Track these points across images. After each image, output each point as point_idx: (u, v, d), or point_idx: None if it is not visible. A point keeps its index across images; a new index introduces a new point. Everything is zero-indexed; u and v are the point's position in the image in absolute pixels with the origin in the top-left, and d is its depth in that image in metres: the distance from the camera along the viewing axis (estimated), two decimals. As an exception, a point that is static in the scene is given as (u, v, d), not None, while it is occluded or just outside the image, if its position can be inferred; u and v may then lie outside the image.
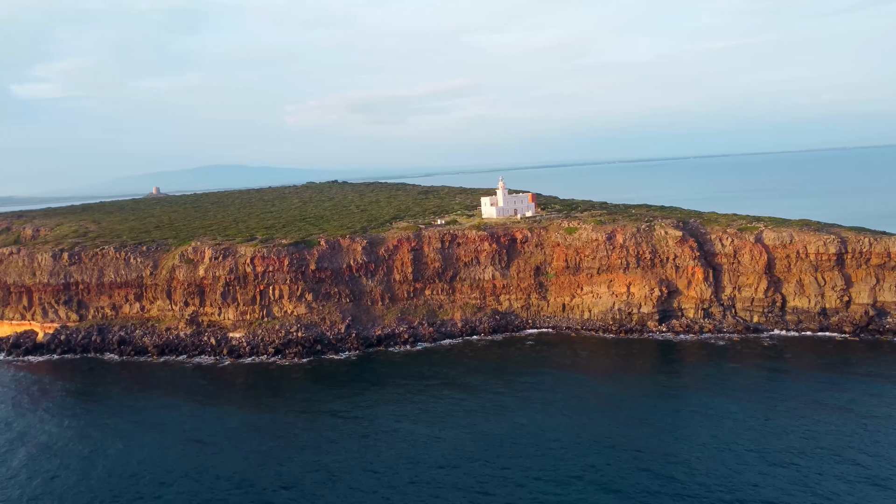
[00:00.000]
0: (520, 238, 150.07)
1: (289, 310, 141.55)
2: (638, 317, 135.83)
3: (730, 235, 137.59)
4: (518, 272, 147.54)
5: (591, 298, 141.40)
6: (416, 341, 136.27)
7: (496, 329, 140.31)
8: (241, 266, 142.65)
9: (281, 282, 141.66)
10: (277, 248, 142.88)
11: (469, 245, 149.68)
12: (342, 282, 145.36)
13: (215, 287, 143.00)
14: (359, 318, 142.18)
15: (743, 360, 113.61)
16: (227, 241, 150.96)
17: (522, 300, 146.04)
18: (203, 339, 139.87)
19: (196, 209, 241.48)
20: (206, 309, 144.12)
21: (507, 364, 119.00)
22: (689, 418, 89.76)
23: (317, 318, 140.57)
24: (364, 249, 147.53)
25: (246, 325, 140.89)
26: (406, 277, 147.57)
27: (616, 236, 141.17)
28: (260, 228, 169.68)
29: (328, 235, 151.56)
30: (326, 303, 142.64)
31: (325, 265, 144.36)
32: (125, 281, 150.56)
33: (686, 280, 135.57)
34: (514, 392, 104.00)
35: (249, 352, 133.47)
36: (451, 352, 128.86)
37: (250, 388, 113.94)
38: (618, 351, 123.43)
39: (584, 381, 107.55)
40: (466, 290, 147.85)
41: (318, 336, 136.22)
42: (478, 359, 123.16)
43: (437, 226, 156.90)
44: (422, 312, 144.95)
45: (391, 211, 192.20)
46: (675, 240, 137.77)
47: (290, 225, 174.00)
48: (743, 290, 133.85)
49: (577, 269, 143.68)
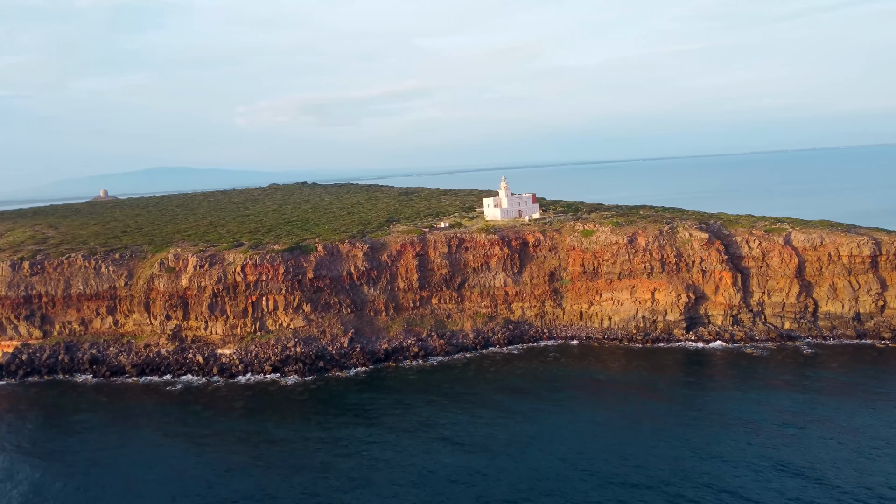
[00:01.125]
0: (532, 242, 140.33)
1: (284, 322, 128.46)
2: (663, 325, 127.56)
3: (756, 237, 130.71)
4: (531, 278, 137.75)
5: (611, 306, 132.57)
6: (427, 355, 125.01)
7: (511, 340, 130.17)
8: (230, 275, 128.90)
9: (275, 292, 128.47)
10: (271, 255, 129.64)
11: (478, 249, 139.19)
12: (342, 291, 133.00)
13: (201, 298, 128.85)
14: (362, 331, 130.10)
15: (786, 371, 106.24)
16: (211, 248, 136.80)
17: (536, 308, 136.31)
18: (188, 356, 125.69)
19: (162, 212, 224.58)
20: (191, 322, 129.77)
21: (535, 380, 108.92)
22: (747, 443, 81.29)
23: (316, 331, 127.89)
24: (365, 255, 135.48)
25: (236, 339, 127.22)
26: (411, 285, 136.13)
27: (638, 239, 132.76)
28: (243, 233, 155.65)
29: (324, 240, 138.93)
30: (326, 314, 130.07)
31: (323, 273, 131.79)
32: (96, 292, 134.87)
33: (713, 285, 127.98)
34: (554, 411, 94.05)
35: (243, 370, 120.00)
36: (468, 367, 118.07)
37: (252, 415, 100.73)
38: (651, 362, 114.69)
39: (624, 398, 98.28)
40: (476, 297, 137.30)
41: (319, 351, 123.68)
42: (502, 374, 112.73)
43: (441, 229, 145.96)
44: (429, 323, 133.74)
45: (381, 213, 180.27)
46: (700, 242, 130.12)
47: (276, 229, 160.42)
48: (773, 295, 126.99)
49: (594, 275, 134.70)
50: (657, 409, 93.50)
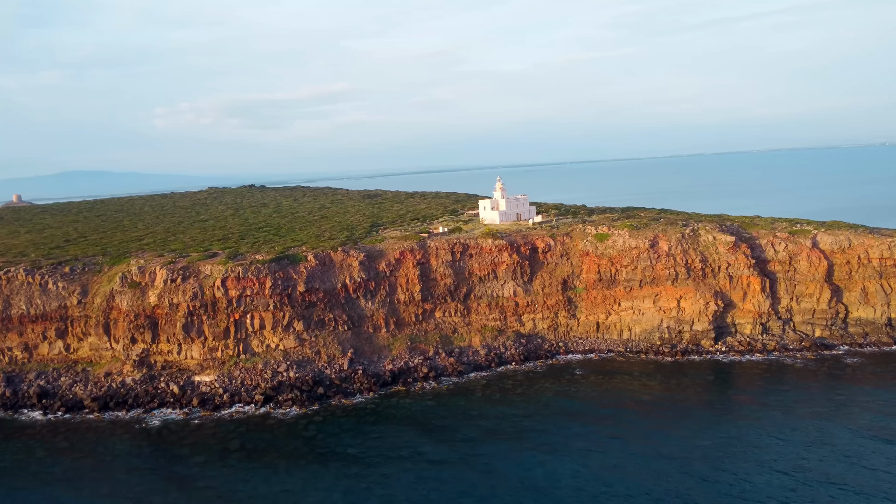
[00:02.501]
0: (541, 247, 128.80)
1: (273, 343, 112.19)
2: (690, 335, 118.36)
3: (782, 240, 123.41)
4: (543, 287, 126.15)
5: (631, 315, 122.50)
6: (438, 376, 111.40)
7: (527, 356, 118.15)
8: (207, 290, 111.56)
9: (262, 308, 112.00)
10: (256, 267, 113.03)
11: (484, 256, 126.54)
12: (337, 305, 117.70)
13: (173, 317, 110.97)
14: (361, 350, 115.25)
15: (841, 385, 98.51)
16: (181, 259, 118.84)
17: (549, 320, 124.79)
18: (159, 385, 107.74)
19: (101, 218, 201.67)
20: (161, 346, 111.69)
21: (569, 401, 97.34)
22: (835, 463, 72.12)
23: (310, 352, 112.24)
24: (362, 265, 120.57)
25: (217, 364, 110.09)
26: (413, 297, 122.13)
27: (660, 243, 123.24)
28: (211, 241, 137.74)
29: (312, 248, 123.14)
30: (320, 332, 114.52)
31: (315, 285, 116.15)
32: (42, 313, 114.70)
33: (741, 292, 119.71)
34: (610, 444, 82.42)
35: (229, 401, 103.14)
36: (488, 388, 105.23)
37: (254, 459, 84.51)
38: (691, 379, 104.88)
39: (684, 423, 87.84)
40: (484, 309, 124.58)
41: (316, 376, 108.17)
42: (531, 398, 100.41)
43: (440, 234, 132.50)
44: (434, 339, 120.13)
45: (360, 218, 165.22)
46: (726, 246, 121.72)
47: (247, 236, 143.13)
48: (802, 301, 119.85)
49: (612, 282, 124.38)
50: (733, 437, 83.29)
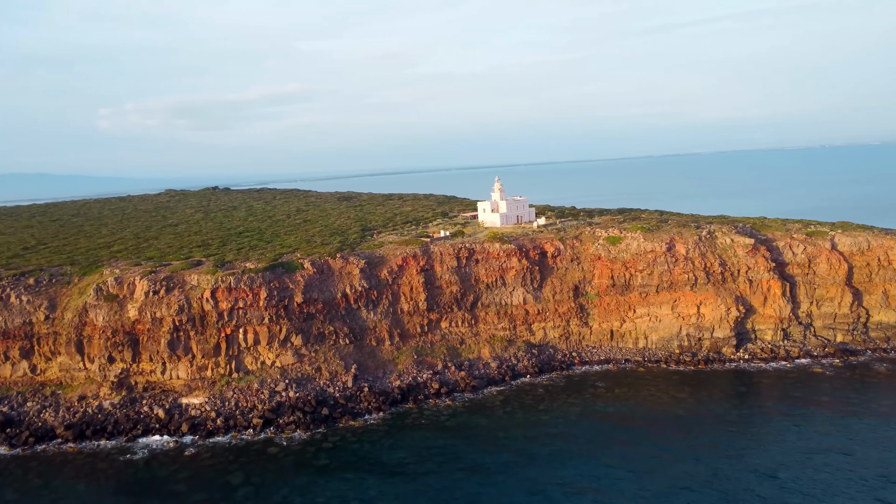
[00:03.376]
0: (551, 252, 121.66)
1: (268, 360, 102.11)
2: (710, 342, 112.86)
3: (800, 242, 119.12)
4: (554, 294, 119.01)
5: (647, 323, 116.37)
6: (450, 391, 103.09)
7: (542, 368, 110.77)
8: (195, 302, 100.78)
9: (256, 321, 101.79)
10: (249, 276, 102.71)
11: (491, 262, 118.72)
12: (337, 317, 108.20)
13: (157, 334, 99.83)
14: (365, 365, 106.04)
15: (879, 394, 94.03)
16: (163, 268, 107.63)
17: (561, 328, 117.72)
18: (142, 409, 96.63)
19: (57, 223, 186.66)
20: (143, 366, 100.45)
21: (598, 419, 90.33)
22: None
23: (310, 368, 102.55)
24: (363, 272, 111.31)
25: (207, 385, 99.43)
26: (417, 307, 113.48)
27: (676, 246, 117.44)
28: (190, 248, 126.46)
29: (307, 255, 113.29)
30: (320, 347, 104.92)
31: (314, 296, 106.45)
32: (4, 330, 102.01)
33: (761, 296, 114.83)
34: (665, 465, 75.64)
35: (224, 426, 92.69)
36: (509, 405, 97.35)
37: (263, 497, 74.67)
38: (721, 390, 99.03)
39: (730, 441, 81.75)
40: (492, 318, 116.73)
41: (318, 395, 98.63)
42: (553, 413, 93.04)
43: (442, 238, 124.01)
44: (441, 351, 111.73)
45: (347, 221, 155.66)
46: (745, 249, 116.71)
47: (229, 242, 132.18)
48: (823, 305, 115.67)
49: (626, 288, 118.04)
50: (791, 455, 77.43)
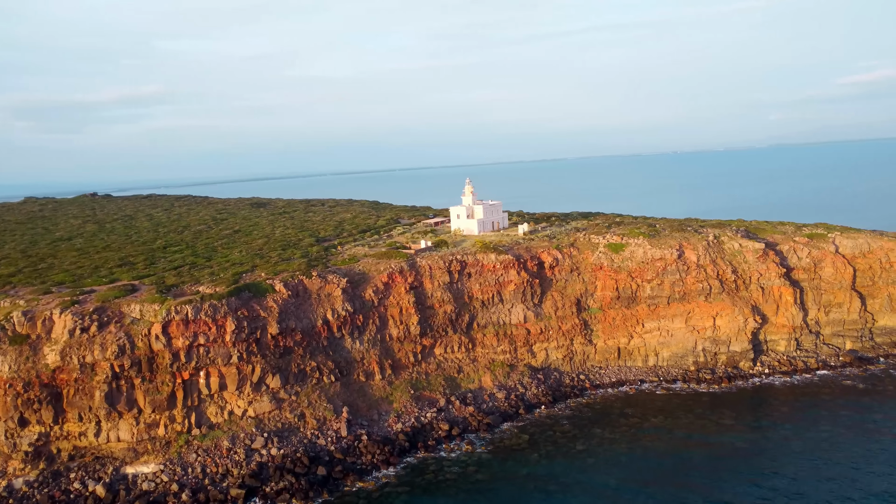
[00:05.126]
0: (548, 262, 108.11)
1: (238, 409, 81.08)
2: (727, 357, 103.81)
3: (803, 245, 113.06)
4: (555, 310, 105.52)
5: (657, 338, 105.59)
6: (463, 432, 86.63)
7: (555, 396, 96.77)
8: (140, 340, 77.93)
9: (222, 361, 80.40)
10: (211, 304, 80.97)
11: (486, 276, 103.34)
12: (319, 349, 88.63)
13: (88, 385, 76.14)
14: (355, 406, 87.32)
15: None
16: (87, 297, 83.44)
17: (564, 348, 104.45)
18: (72, 486, 73.02)
19: None
20: (69, 427, 76.40)
21: (657, 456, 77.83)
22: None
23: (291, 416, 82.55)
24: (345, 293, 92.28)
25: (159, 447, 76.98)
26: (409, 331, 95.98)
27: (686, 253, 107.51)
28: (109, 268, 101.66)
29: (274, 274, 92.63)
30: (302, 387, 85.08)
31: (290, 324, 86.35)
32: None
33: (773, 304, 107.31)
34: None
35: (190, 501, 71.18)
36: (537, 445, 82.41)
37: None
38: (762, 411, 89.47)
39: (811, 468, 71.57)
40: (490, 341, 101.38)
41: (308, 449, 79.11)
42: (596, 454, 79.46)
43: (426, 250, 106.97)
44: (438, 383, 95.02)
45: (291, 232, 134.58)
46: (755, 254, 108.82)
47: (157, 259, 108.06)
48: (831, 312, 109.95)
49: (632, 300, 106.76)
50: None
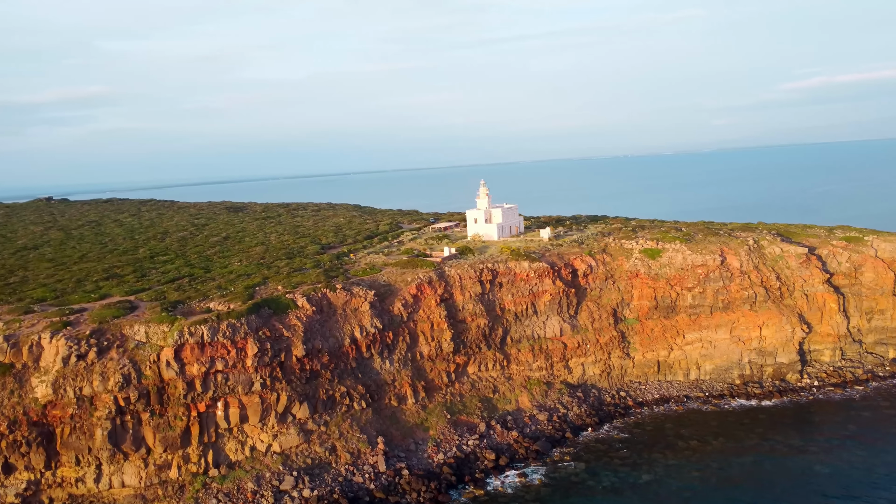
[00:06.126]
0: (582, 269, 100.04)
1: (261, 444, 70.47)
2: (773, 369, 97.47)
3: (842, 249, 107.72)
4: (592, 321, 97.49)
5: (699, 350, 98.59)
6: (511, 461, 77.72)
7: (600, 417, 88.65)
8: (148, 368, 66.74)
9: (243, 389, 69.70)
10: (230, 323, 70.17)
11: (519, 285, 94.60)
12: (347, 371, 78.51)
13: (86, 422, 64.65)
14: (389, 435, 77.52)
15: None
16: (79, 316, 71.67)
17: (602, 363, 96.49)
18: (69, 544, 61.29)
19: None
20: (64, 472, 64.73)
21: (736, 484, 70.25)
22: None
23: (321, 450, 72.33)
24: (373, 307, 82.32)
25: (173, 492, 65.91)
26: (440, 348, 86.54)
27: (728, 258, 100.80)
28: (94, 280, 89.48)
29: (292, 287, 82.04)
30: (331, 416, 74.87)
31: (317, 345, 76.06)
32: None
33: (817, 312, 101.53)
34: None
35: (217, 558, 60.58)
36: (597, 475, 74.02)
37: None
38: (829, 429, 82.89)
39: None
40: (526, 356, 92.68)
41: (345, 488, 69.11)
42: (671, 486, 71.53)
43: (451, 258, 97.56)
44: (474, 405, 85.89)
45: (286, 238, 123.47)
46: (797, 259, 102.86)
47: (148, 271, 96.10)
48: (873, 319, 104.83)
49: (671, 310, 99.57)
50: None
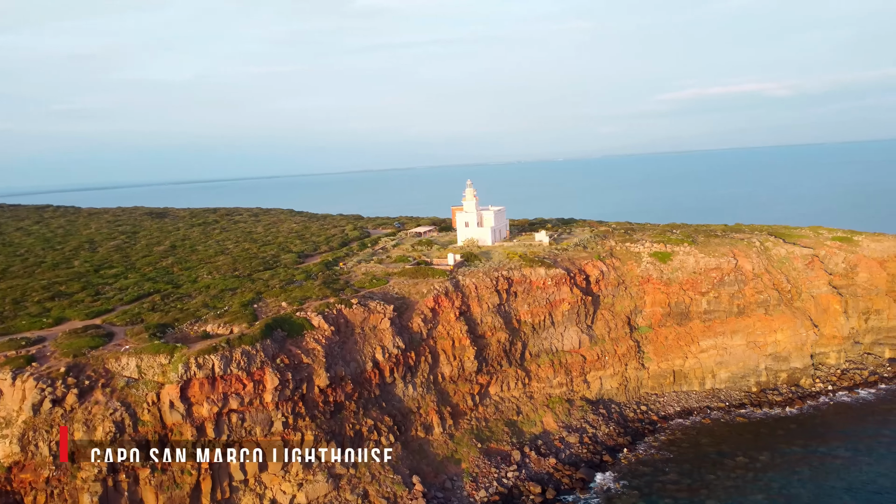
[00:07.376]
0: (594, 275, 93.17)
1: (284, 496, 58.35)
2: (787, 375, 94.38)
3: (838, 250, 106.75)
4: (608, 331, 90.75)
5: (713, 357, 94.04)
6: (558, 493, 69.29)
7: (632, 435, 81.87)
8: (146, 412, 53.32)
9: (261, 430, 57.36)
10: (244, 351, 57.61)
11: (535, 294, 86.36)
12: (371, 401, 67.38)
13: (68, 485, 50.49)
14: (421, 472, 67.12)
15: None
16: (39, 348, 56.91)
17: (619, 375, 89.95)
18: None
19: None
20: (38, 551, 50.14)
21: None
22: None
23: (352, 496, 61.03)
24: (393, 325, 71.54)
25: (181, 564, 52.73)
26: (462, 368, 76.88)
27: (740, 262, 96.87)
28: (35, 300, 73.55)
29: (296, 302, 69.94)
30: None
31: (339, 371, 64.57)
32: None
33: (823, 314, 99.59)
34: None
35: None
36: (658, 503, 67.02)
37: None
38: (869, 436, 79.82)
39: None
40: (546, 372, 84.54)
41: (390, 543, 58.23)
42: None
43: (460, 265, 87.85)
44: (501, 430, 76.86)
45: (251, 247, 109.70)
46: (803, 261, 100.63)
47: (101, 286, 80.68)
48: (870, 319, 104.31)
49: (684, 316, 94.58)
50: None
